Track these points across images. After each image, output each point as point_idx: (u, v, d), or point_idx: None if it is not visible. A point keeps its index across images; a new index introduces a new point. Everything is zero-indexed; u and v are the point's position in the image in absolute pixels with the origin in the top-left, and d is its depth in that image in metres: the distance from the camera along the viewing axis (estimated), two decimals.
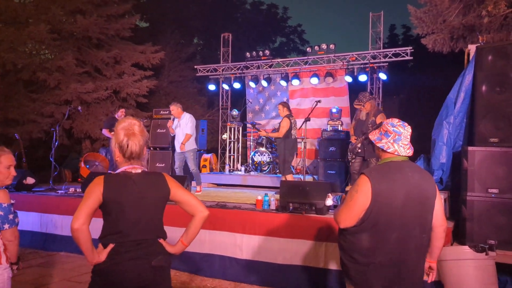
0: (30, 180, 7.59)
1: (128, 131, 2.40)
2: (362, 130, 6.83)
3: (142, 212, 2.35)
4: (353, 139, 7.08)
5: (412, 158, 5.68)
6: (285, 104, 7.97)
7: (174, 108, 8.03)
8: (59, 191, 7.55)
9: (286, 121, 7.59)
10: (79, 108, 10.01)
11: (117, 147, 2.41)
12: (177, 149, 8.01)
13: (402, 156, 2.56)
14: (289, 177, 7.65)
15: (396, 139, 2.56)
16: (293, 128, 7.62)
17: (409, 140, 2.59)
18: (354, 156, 6.97)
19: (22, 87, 14.63)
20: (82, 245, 2.21)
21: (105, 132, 8.58)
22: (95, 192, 2.26)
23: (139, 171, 2.42)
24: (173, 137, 8.39)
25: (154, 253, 2.35)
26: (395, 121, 2.62)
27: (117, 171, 2.42)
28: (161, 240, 2.44)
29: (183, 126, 7.94)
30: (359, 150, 6.82)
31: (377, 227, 2.42)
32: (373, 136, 2.68)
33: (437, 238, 2.67)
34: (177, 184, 2.52)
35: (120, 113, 8.92)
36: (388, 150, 2.57)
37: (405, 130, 2.57)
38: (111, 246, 2.27)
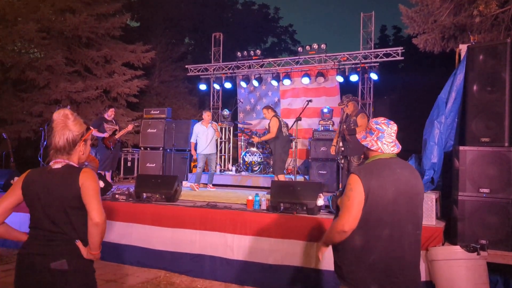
0: None
1: (60, 122, 2.36)
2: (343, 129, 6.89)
3: (51, 208, 2.28)
4: (332, 149, 7.21)
5: (404, 158, 5.68)
6: (268, 107, 8.21)
7: (210, 114, 9.11)
8: None
9: (275, 120, 7.67)
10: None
11: (51, 137, 2.39)
12: (208, 151, 8.78)
13: (387, 153, 2.55)
14: (281, 177, 7.63)
15: (379, 136, 2.56)
16: (283, 127, 7.66)
17: (394, 138, 2.58)
18: (341, 157, 7.03)
19: (10, 86, 14.48)
20: None
21: (94, 132, 8.47)
22: (15, 189, 2.34)
23: (60, 166, 2.34)
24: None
25: (58, 255, 2.25)
26: (380, 119, 2.62)
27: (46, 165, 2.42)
28: (78, 243, 2.31)
29: (216, 130, 8.89)
30: (343, 149, 6.87)
31: (368, 224, 2.40)
32: (360, 135, 2.69)
33: None
34: (90, 185, 2.31)
35: (109, 113, 8.81)
36: (372, 148, 2.57)
37: (389, 128, 2.57)
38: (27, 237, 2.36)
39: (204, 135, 8.73)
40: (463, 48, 5.44)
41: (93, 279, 2.39)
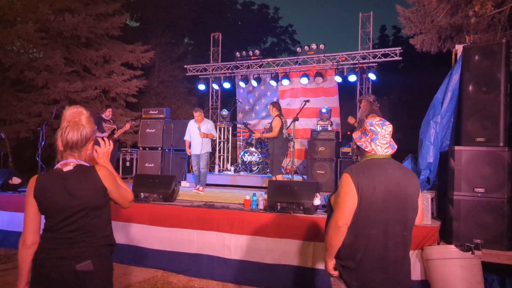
0: (16, 180, 7.51)
1: (73, 118, 2.33)
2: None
3: (72, 211, 2.24)
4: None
5: (400, 158, 5.70)
6: (275, 104, 8.03)
7: (200, 114, 8.37)
8: None
9: (278, 120, 7.64)
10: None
11: (59, 134, 2.33)
12: (197, 151, 8.34)
13: (380, 155, 2.57)
14: (279, 177, 7.65)
15: (373, 138, 2.58)
16: (284, 127, 7.66)
17: (388, 139, 2.59)
18: (355, 157, 7.00)
19: (9, 86, 14.50)
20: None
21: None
22: (30, 200, 2.27)
23: (71, 167, 2.29)
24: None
25: (83, 256, 2.23)
26: (375, 120, 2.63)
27: (54, 168, 2.34)
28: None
29: (211, 130, 8.45)
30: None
31: (357, 222, 2.44)
32: (355, 135, 2.71)
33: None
34: (111, 177, 2.37)
35: (107, 113, 8.81)
36: (366, 149, 2.60)
37: (383, 129, 2.58)
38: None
39: (196, 134, 8.36)
40: (459, 48, 5.46)
41: (112, 276, 2.41)
